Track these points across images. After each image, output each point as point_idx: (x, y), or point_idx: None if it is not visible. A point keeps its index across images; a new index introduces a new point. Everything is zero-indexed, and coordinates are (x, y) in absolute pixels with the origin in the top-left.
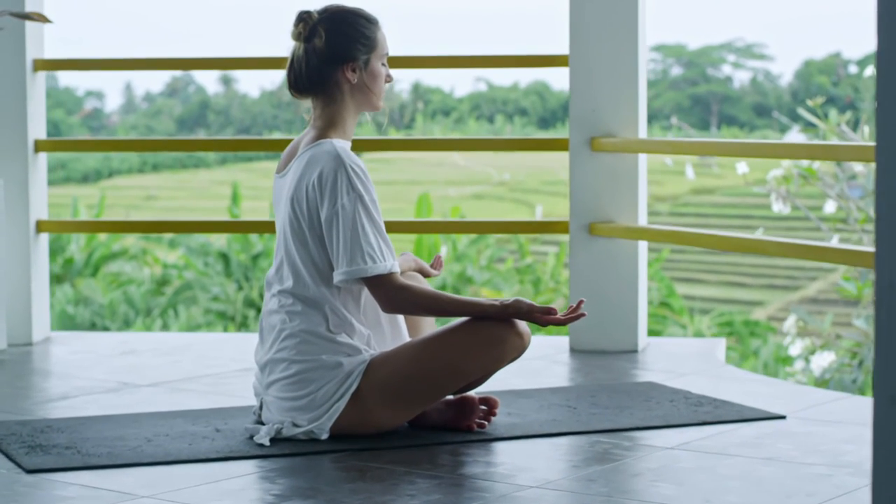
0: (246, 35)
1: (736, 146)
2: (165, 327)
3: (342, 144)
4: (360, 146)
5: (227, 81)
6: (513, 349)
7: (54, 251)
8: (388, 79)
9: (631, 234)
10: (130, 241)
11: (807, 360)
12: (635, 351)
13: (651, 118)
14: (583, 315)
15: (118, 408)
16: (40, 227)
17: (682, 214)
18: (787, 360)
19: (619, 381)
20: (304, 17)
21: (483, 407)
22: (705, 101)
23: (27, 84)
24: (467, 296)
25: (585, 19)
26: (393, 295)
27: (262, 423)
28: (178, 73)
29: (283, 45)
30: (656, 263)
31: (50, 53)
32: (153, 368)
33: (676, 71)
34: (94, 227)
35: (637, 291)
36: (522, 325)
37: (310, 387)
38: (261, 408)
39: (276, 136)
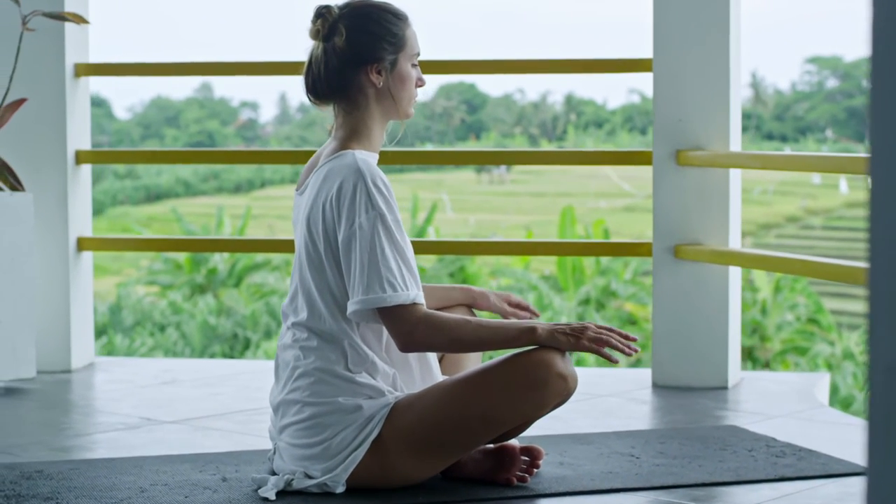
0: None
1: (834, 160)
2: None
3: (364, 156)
4: (386, 158)
5: None
6: (555, 394)
7: (198, 262)
8: (420, 82)
9: (720, 258)
10: None
11: None
12: (725, 388)
13: (806, 130)
14: (634, 339)
15: (130, 449)
16: (81, 244)
17: (836, 228)
18: None
19: (699, 424)
20: (322, 13)
21: (525, 458)
22: (861, 114)
23: (66, 90)
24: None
25: (671, 19)
26: (413, 329)
27: (275, 473)
28: None
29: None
30: (804, 278)
31: (96, 58)
32: (187, 402)
33: (832, 83)
34: (138, 244)
35: (727, 321)
36: (568, 365)
37: (325, 433)
38: (275, 453)
39: (428, 147)
